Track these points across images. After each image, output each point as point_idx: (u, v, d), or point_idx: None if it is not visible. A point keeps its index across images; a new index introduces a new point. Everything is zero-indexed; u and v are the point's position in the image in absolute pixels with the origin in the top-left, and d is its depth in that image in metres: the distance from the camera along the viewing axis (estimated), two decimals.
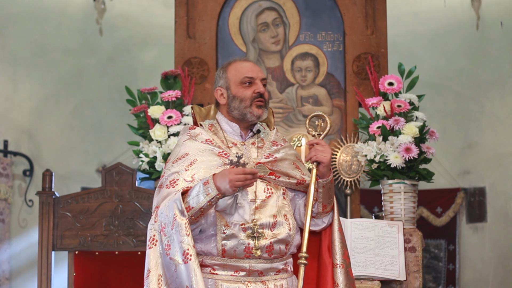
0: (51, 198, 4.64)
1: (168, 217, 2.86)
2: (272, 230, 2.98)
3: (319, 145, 3.03)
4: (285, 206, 3.05)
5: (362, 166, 5.03)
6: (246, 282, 2.96)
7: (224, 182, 2.81)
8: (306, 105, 5.41)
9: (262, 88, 3.09)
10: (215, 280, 2.96)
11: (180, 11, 5.48)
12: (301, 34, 5.49)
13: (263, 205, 3.00)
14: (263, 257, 2.97)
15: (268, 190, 3.04)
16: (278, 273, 3.03)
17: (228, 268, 2.96)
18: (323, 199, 3.06)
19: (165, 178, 3.02)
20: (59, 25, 6.99)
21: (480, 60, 7.21)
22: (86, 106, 7.29)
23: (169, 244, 2.84)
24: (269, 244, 2.97)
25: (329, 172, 3.05)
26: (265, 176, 3.05)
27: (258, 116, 3.09)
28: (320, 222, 3.13)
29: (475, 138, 7.30)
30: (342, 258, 3.09)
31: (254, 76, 3.10)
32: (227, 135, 3.13)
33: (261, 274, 2.99)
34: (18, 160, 6.70)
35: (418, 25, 7.29)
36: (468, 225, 7.36)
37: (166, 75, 5.22)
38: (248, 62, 3.16)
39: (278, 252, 3.00)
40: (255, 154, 3.10)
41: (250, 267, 2.97)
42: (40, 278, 4.59)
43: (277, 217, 3.00)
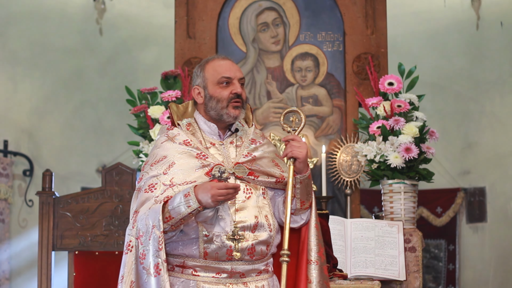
0: (51, 198, 4.64)
1: (146, 226, 2.85)
2: (253, 232, 2.97)
3: (295, 141, 2.99)
4: (266, 206, 3.03)
5: (362, 166, 5.03)
6: (228, 284, 2.95)
7: (206, 196, 2.79)
8: (306, 105, 5.41)
9: (239, 88, 3.05)
10: (196, 282, 2.94)
11: (180, 11, 5.48)
12: (301, 34, 5.49)
13: (243, 206, 2.98)
14: (244, 259, 2.96)
15: (248, 191, 3.01)
16: (259, 274, 3.02)
17: (210, 270, 2.95)
18: (301, 195, 3.03)
19: (144, 181, 3.00)
20: (59, 25, 6.99)
21: (480, 60, 7.21)
22: (86, 106, 7.29)
23: (145, 253, 2.84)
24: (250, 246, 2.95)
25: (306, 168, 3.02)
26: (244, 176, 3.02)
27: (235, 117, 3.06)
28: (298, 219, 3.10)
29: (475, 138, 7.30)
30: (317, 255, 3.06)
31: (231, 76, 3.06)
32: (205, 135, 3.10)
33: (242, 275, 2.97)
34: (18, 160, 6.70)
35: (418, 25, 7.29)
36: (468, 225, 7.36)
37: (166, 75, 5.22)
38: (226, 60, 3.11)
39: (259, 253, 2.99)
40: (234, 153, 3.07)
41: (232, 269, 2.95)
42: (40, 278, 4.59)
43: (258, 218, 2.98)
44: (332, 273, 4.18)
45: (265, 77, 5.46)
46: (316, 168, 5.22)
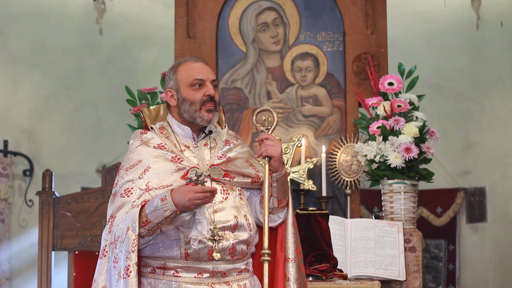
0: (51, 198, 4.64)
1: (122, 230, 2.84)
2: (233, 231, 2.98)
3: (269, 139, 2.99)
4: (243, 206, 3.04)
5: (362, 166, 5.03)
6: (211, 284, 2.95)
7: (183, 200, 2.78)
8: (306, 105, 5.41)
9: (212, 90, 3.04)
10: (179, 283, 2.93)
11: (180, 11, 5.48)
12: (301, 34, 5.49)
13: (221, 207, 2.98)
14: (225, 259, 2.96)
15: (224, 192, 3.02)
16: (240, 273, 3.03)
17: (191, 270, 2.95)
18: (278, 193, 3.05)
19: (119, 186, 2.98)
20: (59, 25, 6.99)
21: (480, 60, 7.21)
22: (86, 106, 7.29)
23: (118, 257, 2.83)
24: (231, 246, 2.96)
25: (282, 166, 3.02)
26: (219, 178, 3.03)
27: (208, 120, 3.05)
28: (276, 217, 3.11)
29: (475, 138, 7.30)
30: (294, 252, 3.07)
31: (204, 78, 3.05)
32: (179, 138, 3.10)
33: (224, 275, 2.98)
34: (18, 160, 6.70)
35: (418, 25, 7.29)
36: (468, 225, 7.36)
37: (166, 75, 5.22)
38: (198, 62, 3.10)
39: (240, 253, 3.00)
40: (208, 155, 3.07)
41: (214, 268, 2.95)
42: (40, 278, 4.59)
43: (238, 218, 2.99)
44: (332, 273, 4.18)
45: (265, 77, 5.46)
46: (316, 168, 5.22)
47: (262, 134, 3.03)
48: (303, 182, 5.10)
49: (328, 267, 4.15)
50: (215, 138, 3.13)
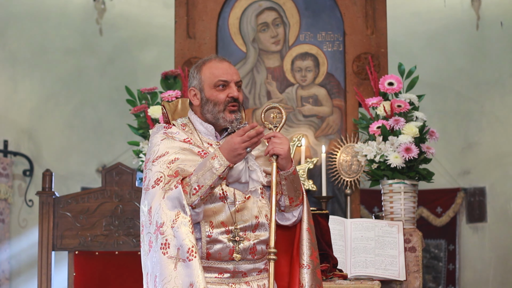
0: (51, 198, 4.64)
1: (166, 215, 2.82)
2: (254, 231, 2.98)
3: (276, 137, 2.96)
4: (265, 206, 3.03)
5: (362, 166, 5.03)
6: (231, 284, 2.95)
7: (233, 148, 2.82)
8: (306, 105, 5.41)
9: (236, 92, 3.03)
10: None
11: (180, 11, 5.48)
12: (301, 34, 5.49)
13: (243, 207, 2.98)
14: (246, 259, 2.96)
15: (247, 192, 3.01)
16: (260, 273, 3.03)
17: (212, 270, 2.95)
18: (288, 192, 3.02)
19: (148, 179, 2.95)
20: (59, 25, 6.99)
21: (480, 60, 7.21)
22: (86, 106, 7.29)
23: (168, 242, 2.81)
24: (252, 246, 2.96)
25: (290, 164, 2.99)
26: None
27: (231, 121, 3.03)
28: (290, 216, 3.09)
29: (475, 138, 7.30)
30: (309, 259, 3.05)
31: (228, 79, 3.04)
32: (202, 136, 3.09)
33: (244, 275, 2.98)
34: (18, 160, 6.70)
35: (418, 25, 7.29)
36: (468, 225, 7.36)
37: (166, 75, 5.22)
38: (223, 62, 3.10)
39: (260, 252, 3.00)
40: None
41: (235, 268, 2.96)
42: (40, 278, 4.59)
43: (259, 218, 2.99)
44: (332, 273, 4.18)
45: (265, 77, 5.46)
46: (316, 168, 5.22)
47: (270, 131, 3.01)
48: (303, 182, 5.10)
49: (328, 267, 4.15)
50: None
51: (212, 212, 2.95)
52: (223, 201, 2.96)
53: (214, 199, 2.94)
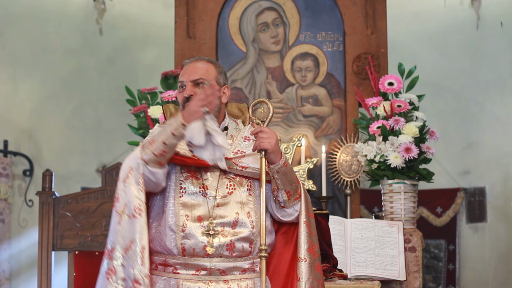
0: (51, 198, 4.64)
1: (123, 171, 2.90)
2: (233, 228, 2.95)
3: (263, 132, 2.94)
4: (250, 203, 3.00)
5: (362, 166, 5.03)
6: (208, 281, 2.94)
7: (188, 109, 2.84)
8: (306, 105, 5.41)
9: (187, 91, 3.02)
10: (177, 280, 2.95)
11: (180, 11, 5.48)
12: (301, 34, 5.49)
13: (224, 202, 2.97)
14: (224, 256, 2.94)
15: (230, 187, 3.00)
16: (243, 273, 2.99)
17: (189, 267, 2.94)
18: (284, 185, 2.98)
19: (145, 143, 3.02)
20: (59, 25, 6.99)
21: (480, 60, 7.21)
22: (86, 106, 7.29)
23: (117, 197, 2.88)
24: (229, 242, 2.94)
25: (279, 157, 2.96)
26: (231, 167, 3.00)
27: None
28: (292, 211, 3.06)
29: (475, 138, 7.30)
30: (306, 252, 3.01)
31: (184, 80, 3.06)
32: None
33: (223, 273, 2.96)
34: (18, 160, 6.70)
35: (418, 25, 7.29)
36: (468, 225, 7.35)
37: (166, 75, 5.22)
38: (190, 64, 3.11)
39: (240, 250, 2.96)
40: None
41: (211, 266, 2.94)
42: (40, 278, 4.60)
43: (239, 215, 2.97)
44: (332, 273, 4.18)
45: (265, 77, 5.46)
46: (316, 168, 5.22)
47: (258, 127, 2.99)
48: (303, 182, 5.10)
49: (328, 267, 4.15)
50: (232, 135, 3.11)
51: (191, 205, 2.95)
52: (203, 195, 2.96)
53: (193, 192, 2.95)
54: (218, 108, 3.05)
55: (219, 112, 3.08)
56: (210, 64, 3.11)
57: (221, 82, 3.10)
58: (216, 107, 2.92)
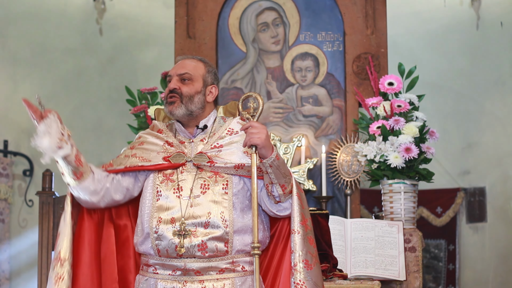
0: (51, 198, 4.64)
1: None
2: (206, 228, 2.94)
3: (252, 127, 2.90)
4: (224, 202, 2.97)
5: (362, 166, 5.03)
6: (183, 282, 2.95)
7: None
8: (306, 105, 5.41)
9: (171, 84, 3.08)
10: (156, 280, 2.98)
11: (180, 11, 5.48)
12: (301, 34, 5.49)
13: (197, 202, 2.96)
14: (197, 256, 2.93)
15: (204, 187, 2.99)
16: (221, 273, 2.97)
17: (166, 267, 2.97)
18: (278, 179, 2.93)
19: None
20: (59, 25, 6.99)
21: (480, 60, 7.21)
22: (86, 106, 7.29)
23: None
24: (201, 243, 2.92)
25: (270, 151, 2.91)
26: (200, 164, 3.00)
27: (170, 112, 3.08)
28: (288, 205, 3.01)
29: (475, 138, 7.30)
30: (299, 224, 2.95)
31: (171, 74, 3.12)
32: (178, 134, 3.15)
33: (198, 273, 2.95)
34: (18, 160, 6.70)
35: (418, 25, 7.29)
36: (468, 225, 7.35)
37: (166, 75, 5.22)
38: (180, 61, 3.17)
39: (214, 250, 2.94)
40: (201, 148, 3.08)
41: (185, 266, 2.94)
42: (40, 278, 4.59)
43: (211, 215, 2.95)
44: (332, 273, 4.17)
45: (265, 77, 5.46)
46: (316, 168, 5.22)
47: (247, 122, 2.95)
48: (303, 182, 5.10)
49: (328, 267, 4.15)
50: (215, 132, 3.11)
51: (165, 208, 2.97)
52: (177, 196, 2.98)
53: (168, 194, 2.98)
54: (201, 106, 3.09)
55: (203, 110, 3.11)
56: (200, 63, 3.15)
57: (209, 81, 3.13)
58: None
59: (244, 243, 2.99)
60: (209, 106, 3.14)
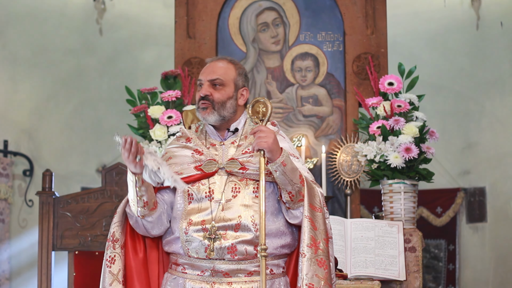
0: (51, 198, 4.64)
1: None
2: (236, 231, 2.94)
3: (260, 131, 2.90)
4: (255, 205, 2.97)
5: (362, 166, 5.03)
6: (211, 283, 2.96)
7: (128, 165, 2.93)
8: (306, 105, 5.41)
9: (203, 91, 3.07)
10: (184, 279, 3.00)
11: (180, 11, 5.48)
12: (301, 34, 5.49)
13: (228, 205, 2.97)
14: (226, 258, 2.95)
15: (235, 190, 2.99)
16: (249, 275, 2.97)
17: (195, 267, 2.99)
18: (284, 185, 2.92)
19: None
20: (59, 25, 6.99)
21: (480, 60, 7.21)
22: (86, 106, 7.29)
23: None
24: (230, 246, 2.93)
25: (277, 156, 2.90)
26: (233, 171, 3.01)
27: (204, 118, 3.08)
28: (298, 213, 2.99)
29: (475, 138, 7.30)
30: (306, 247, 2.91)
31: (202, 79, 3.10)
32: (208, 136, 3.15)
33: (227, 275, 2.96)
34: (18, 160, 6.70)
35: (418, 25, 7.29)
36: (468, 225, 7.35)
37: (166, 75, 5.22)
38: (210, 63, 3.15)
39: (243, 253, 2.95)
40: (233, 152, 3.07)
41: (214, 267, 2.96)
42: (40, 278, 4.60)
43: (242, 218, 2.95)
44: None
45: (265, 77, 5.46)
46: (316, 168, 5.22)
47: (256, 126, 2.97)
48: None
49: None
50: (246, 135, 3.10)
51: (196, 210, 2.98)
52: (209, 199, 2.98)
53: (200, 198, 2.99)
54: (233, 110, 3.09)
55: (234, 113, 3.10)
56: (230, 65, 3.13)
57: (240, 84, 3.12)
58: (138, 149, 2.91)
59: (274, 247, 3.00)
60: (240, 109, 3.14)
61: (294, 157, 3.07)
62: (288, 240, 3.05)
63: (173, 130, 4.91)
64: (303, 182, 2.98)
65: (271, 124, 3.18)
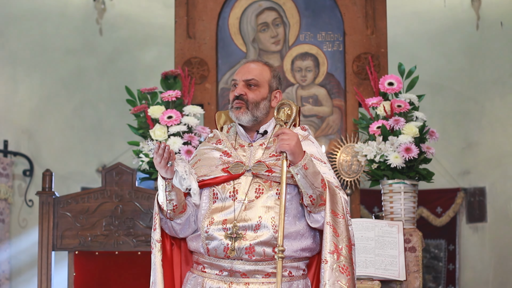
0: (51, 198, 4.64)
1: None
2: (255, 231, 2.95)
3: (284, 134, 2.91)
4: (277, 207, 2.96)
5: (362, 166, 5.03)
6: (229, 283, 2.97)
7: (159, 169, 2.94)
8: (306, 105, 5.41)
9: (238, 90, 3.09)
10: (203, 278, 3.02)
11: (180, 11, 5.48)
12: (301, 34, 5.49)
13: (251, 205, 2.98)
14: (244, 259, 2.95)
15: (259, 191, 3.00)
16: (266, 277, 2.97)
17: (214, 267, 3.00)
18: (305, 188, 2.92)
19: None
20: (59, 25, 6.99)
21: (480, 60, 7.21)
22: (86, 106, 7.29)
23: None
24: (248, 246, 2.94)
25: (299, 159, 2.90)
26: (259, 173, 3.01)
27: (237, 118, 3.10)
28: (319, 217, 2.99)
29: (475, 138, 7.30)
30: (327, 254, 2.91)
31: (237, 79, 3.13)
32: (238, 137, 3.17)
33: (244, 275, 2.96)
34: (18, 160, 6.70)
35: (418, 25, 7.29)
36: (468, 225, 7.36)
37: (166, 75, 5.22)
38: (245, 64, 3.18)
39: (261, 254, 2.95)
40: (261, 154, 3.08)
41: (232, 267, 2.97)
42: (40, 278, 4.60)
43: (262, 219, 2.95)
44: None
45: None
46: None
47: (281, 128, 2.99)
48: None
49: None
50: (275, 139, 3.07)
51: (219, 209, 3.00)
52: (233, 199, 3.00)
53: (225, 197, 3.01)
54: (266, 111, 3.12)
55: (266, 115, 3.13)
56: (265, 67, 3.16)
57: (274, 86, 3.15)
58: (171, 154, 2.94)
59: (293, 249, 2.99)
60: (273, 111, 3.14)
61: (321, 162, 3.08)
62: (308, 243, 3.04)
63: (173, 130, 4.91)
64: (325, 186, 2.96)
65: (302, 128, 3.19)
